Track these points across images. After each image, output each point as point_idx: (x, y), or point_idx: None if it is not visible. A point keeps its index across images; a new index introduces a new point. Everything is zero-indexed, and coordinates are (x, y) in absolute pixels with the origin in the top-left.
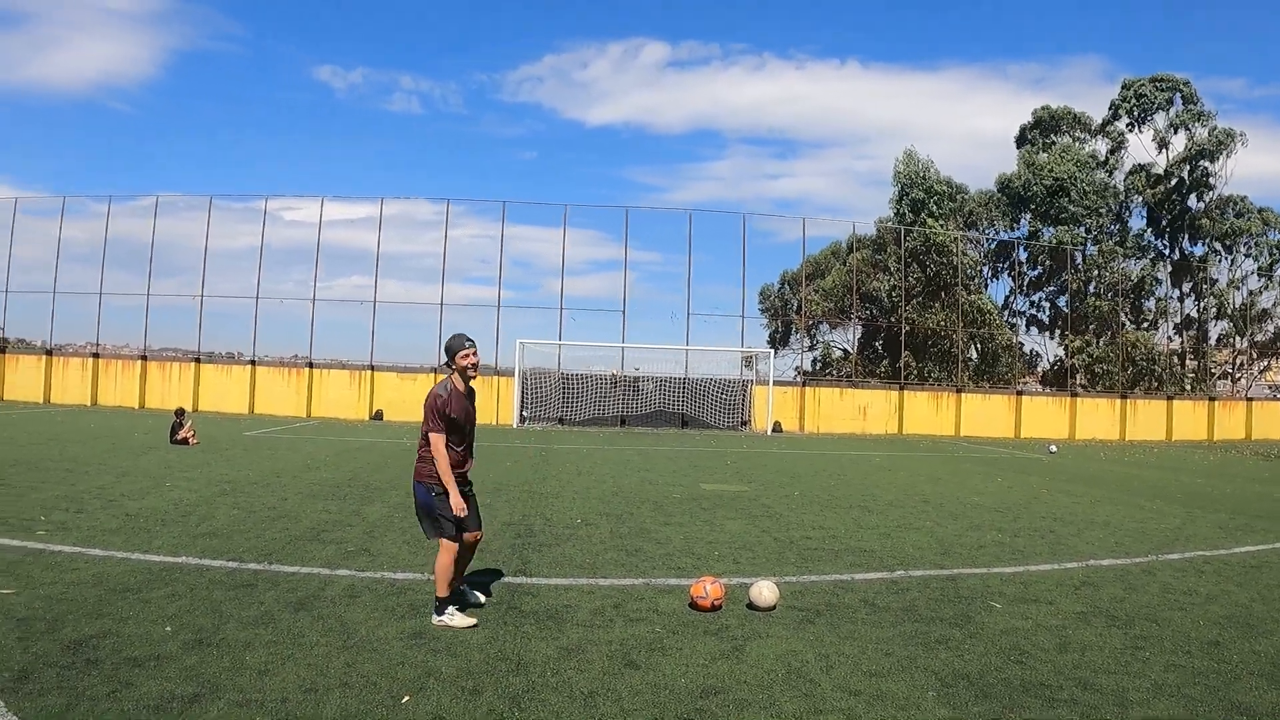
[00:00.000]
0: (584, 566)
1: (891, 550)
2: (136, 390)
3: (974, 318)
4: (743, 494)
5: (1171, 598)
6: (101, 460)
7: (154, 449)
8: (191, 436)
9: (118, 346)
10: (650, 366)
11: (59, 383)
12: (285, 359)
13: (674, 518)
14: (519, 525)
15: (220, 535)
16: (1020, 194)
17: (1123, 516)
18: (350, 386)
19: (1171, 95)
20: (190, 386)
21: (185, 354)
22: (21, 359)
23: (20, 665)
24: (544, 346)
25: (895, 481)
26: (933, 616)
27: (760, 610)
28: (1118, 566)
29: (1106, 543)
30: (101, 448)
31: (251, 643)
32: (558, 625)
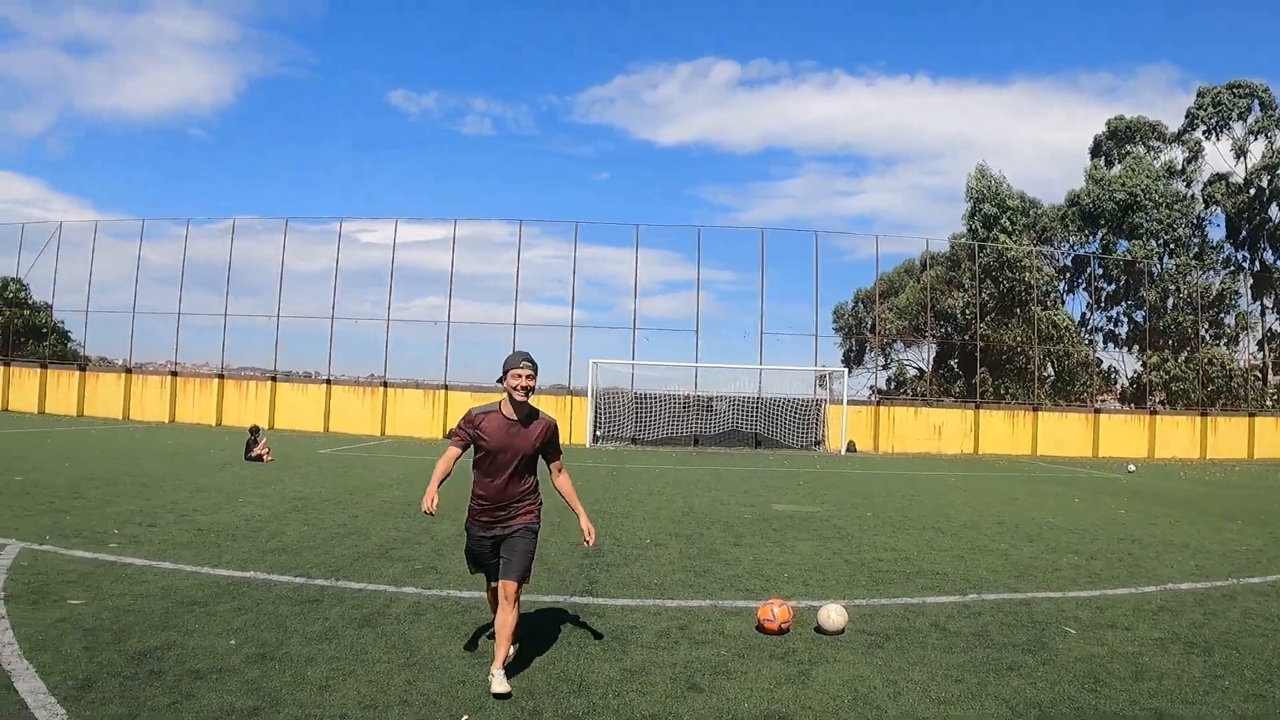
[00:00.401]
0: (651, 587)
1: (964, 573)
2: (213, 408)
3: (1049, 334)
4: (815, 515)
5: (1253, 623)
6: (176, 476)
7: (229, 465)
8: (266, 454)
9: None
10: (724, 386)
11: (138, 400)
12: (360, 378)
13: (744, 539)
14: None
15: (289, 551)
16: (1090, 210)
17: (1203, 538)
18: (424, 406)
19: (1250, 102)
20: (266, 405)
21: (261, 373)
22: (102, 377)
23: (85, 674)
24: (617, 366)
25: (970, 502)
26: (1005, 642)
27: (828, 634)
28: (1197, 590)
29: (1186, 566)
30: (177, 464)
31: (314, 658)
32: (622, 646)
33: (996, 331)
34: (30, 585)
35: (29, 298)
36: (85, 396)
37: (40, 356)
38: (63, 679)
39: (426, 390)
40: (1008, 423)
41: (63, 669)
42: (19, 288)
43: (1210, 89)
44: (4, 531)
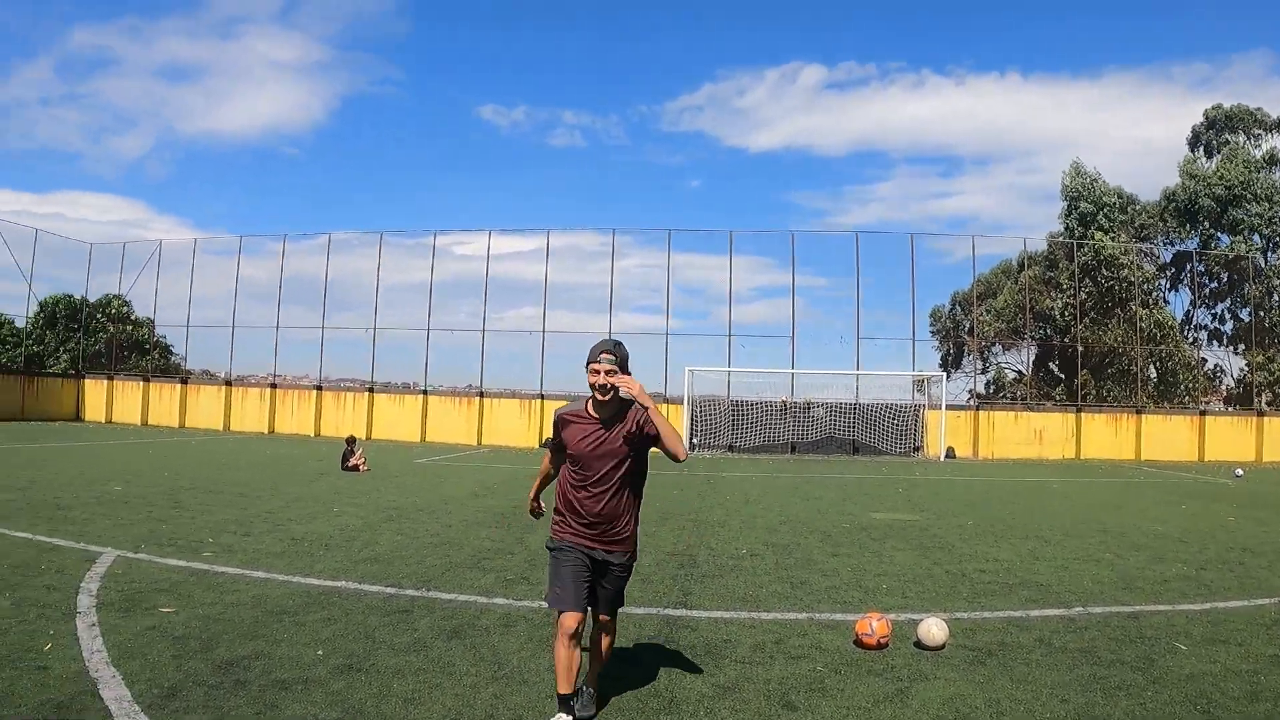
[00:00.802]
0: (746, 599)
1: (1069, 584)
2: (311, 419)
3: (1152, 334)
4: (913, 523)
5: None
6: (273, 485)
7: (325, 475)
8: (362, 463)
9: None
10: (820, 392)
11: (238, 412)
12: (457, 388)
13: (842, 548)
14: (683, 555)
15: (381, 561)
16: (1187, 206)
17: None
18: (520, 415)
19: None
20: (364, 415)
21: (359, 384)
22: (203, 389)
23: (171, 682)
24: (713, 374)
25: (1073, 509)
26: (1113, 659)
27: (929, 649)
28: None
29: None
30: (274, 473)
31: (401, 670)
32: (715, 661)
33: (1096, 332)
34: (123, 593)
35: (131, 314)
36: (187, 408)
37: (143, 370)
38: (148, 687)
39: (522, 400)
40: (1110, 426)
41: (149, 677)
42: (121, 305)
43: None
44: (102, 540)
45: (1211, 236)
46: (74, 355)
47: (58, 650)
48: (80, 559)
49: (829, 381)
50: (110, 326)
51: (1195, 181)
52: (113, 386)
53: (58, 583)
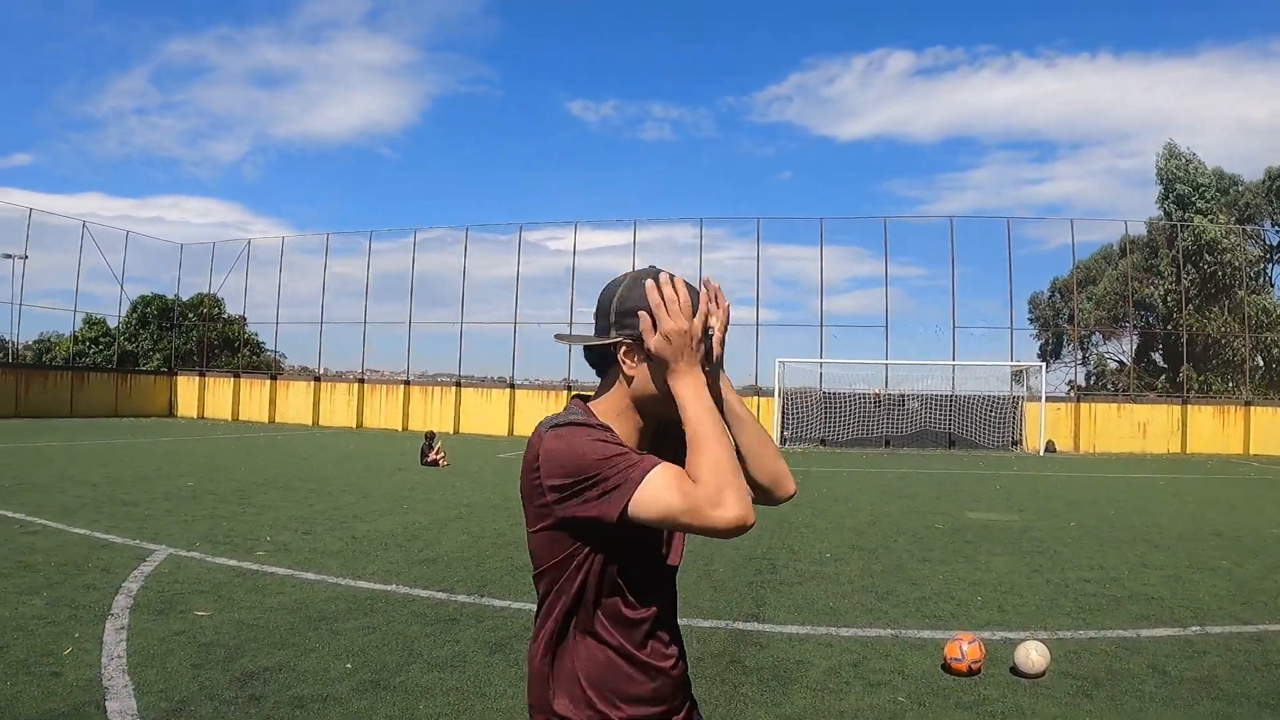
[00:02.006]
0: (826, 612)
1: (1183, 598)
2: (399, 413)
3: (1260, 321)
4: (1012, 524)
5: None
6: (349, 481)
7: (404, 470)
8: (441, 459)
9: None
10: (915, 384)
11: (326, 406)
12: (544, 382)
13: (934, 552)
14: (761, 560)
15: (439, 563)
16: None
17: None
18: None
19: None
20: (451, 410)
21: (448, 378)
22: (292, 385)
23: (182, 695)
24: (804, 365)
25: (1182, 510)
26: (1237, 692)
27: (1027, 677)
28: None
29: None
30: (353, 468)
31: (432, 689)
32: (783, 687)
33: (1200, 320)
34: (162, 595)
35: (222, 312)
36: (276, 404)
37: (234, 367)
38: (157, 699)
39: None
40: (1217, 419)
41: (161, 688)
42: (212, 303)
43: None
44: (158, 537)
45: None
46: (166, 353)
47: (77, 655)
48: (131, 557)
49: (923, 372)
50: (201, 325)
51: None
52: (204, 383)
53: (99, 581)
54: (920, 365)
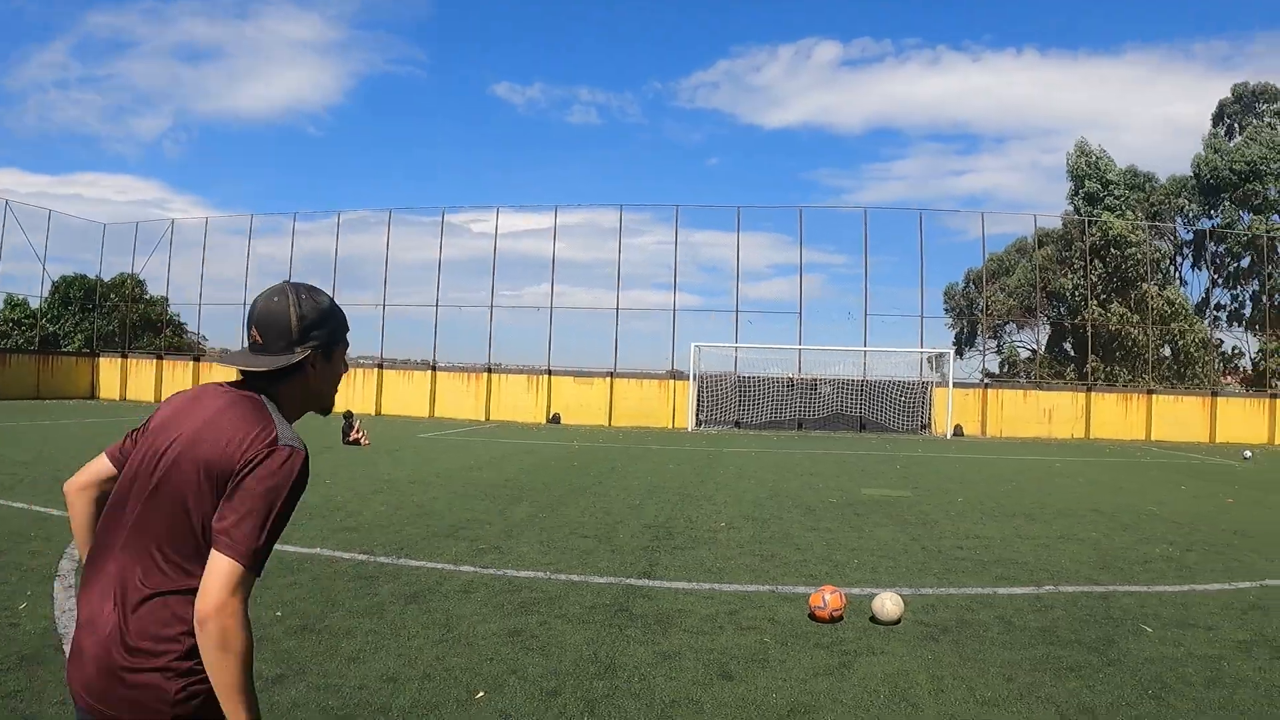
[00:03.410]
0: (712, 571)
1: (1045, 563)
2: None
3: (1165, 313)
4: (902, 499)
5: None
6: None
7: (328, 450)
8: (363, 437)
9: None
10: (828, 369)
11: None
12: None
13: (822, 522)
14: (660, 528)
15: (361, 530)
16: (1210, 181)
17: None
18: (528, 391)
19: None
20: (373, 391)
21: (369, 360)
22: (216, 367)
23: None
24: (720, 350)
25: (1070, 489)
26: (1073, 639)
27: (883, 624)
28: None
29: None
30: None
31: (352, 631)
32: (664, 630)
33: (1106, 311)
34: None
35: (145, 293)
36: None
37: (157, 349)
38: None
39: (530, 375)
40: (1120, 406)
41: None
42: (135, 284)
43: None
44: None
45: (1235, 216)
46: (88, 335)
47: (31, 609)
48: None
49: (836, 358)
50: (123, 306)
51: (1218, 156)
52: (126, 365)
53: (44, 549)
54: (832, 351)
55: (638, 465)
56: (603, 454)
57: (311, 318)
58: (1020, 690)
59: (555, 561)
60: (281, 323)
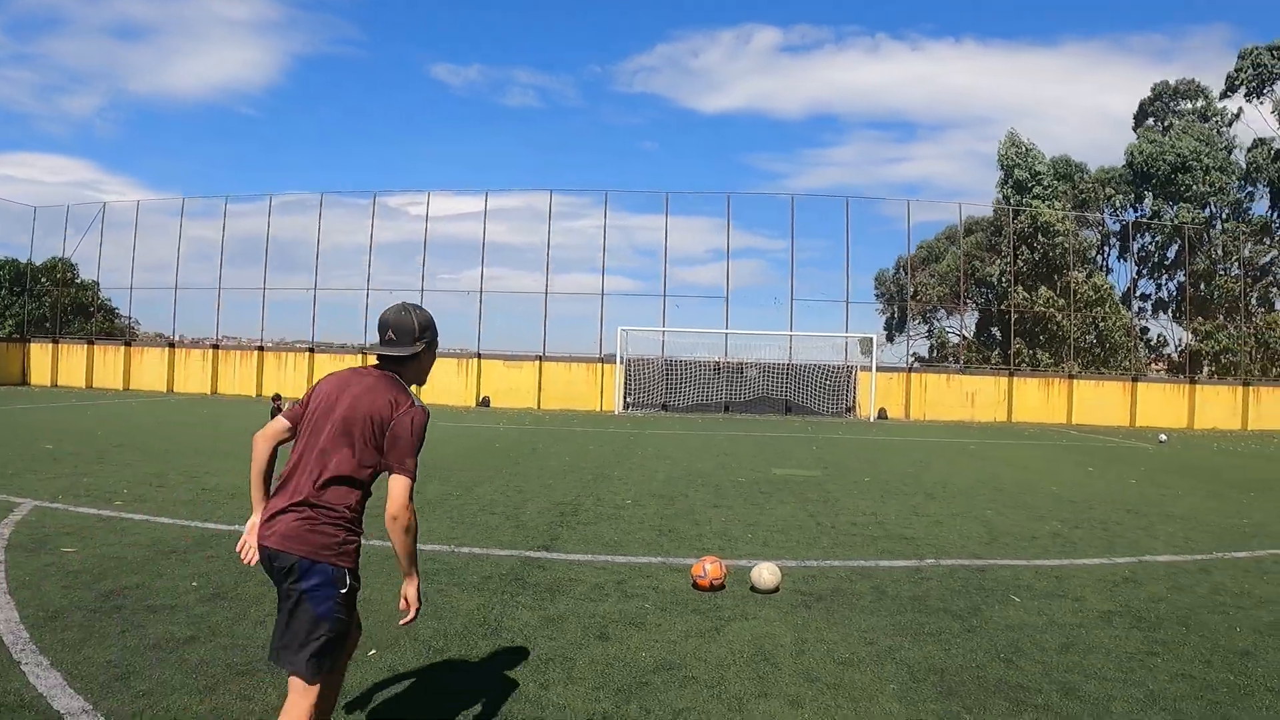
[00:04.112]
0: (609, 544)
1: (933, 539)
2: (254, 379)
3: (1090, 300)
4: (810, 479)
5: (1219, 599)
6: (201, 443)
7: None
8: None
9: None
10: (755, 353)
11: (181, 373)
12: None
13: (726, 500)
14: (567, 505)
15: None
16: (1143, 171)
17: (1205, 510)
18: (458, 374)
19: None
20: (305, 376)
21: (303, 344)
22: (147, 351)
23: (56, 608)
24: (647, 334)
25: (978, 469)
26: (940, 608)
27: (761, 592)
28: (1174, 563)
29: (1174, 538)
30: (206, 432)
31: (262, 598)
32: (552, 597)
33: (1033, 298)
34: (32, 536)
35: (77, 277)
36: (131, 371)
37: (88, 333)
38: (35, 611)
39: (460, 359)
40: (1042, 390)
41: (38, 603)
42: (66, 268)
43: (1251, 50)
44: (23, 492)
45: (1163, 207)
46: (19, 319)
47: None
48: None
49: (763, 342)
50: (54, 290)
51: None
52: (57, 350)
53: None
54: (757, 335)
55: (559, 447)
56: (527, 436)
57: (424, 324)
58: (878, 653)
59: (461, 536)
60: (408, 327)
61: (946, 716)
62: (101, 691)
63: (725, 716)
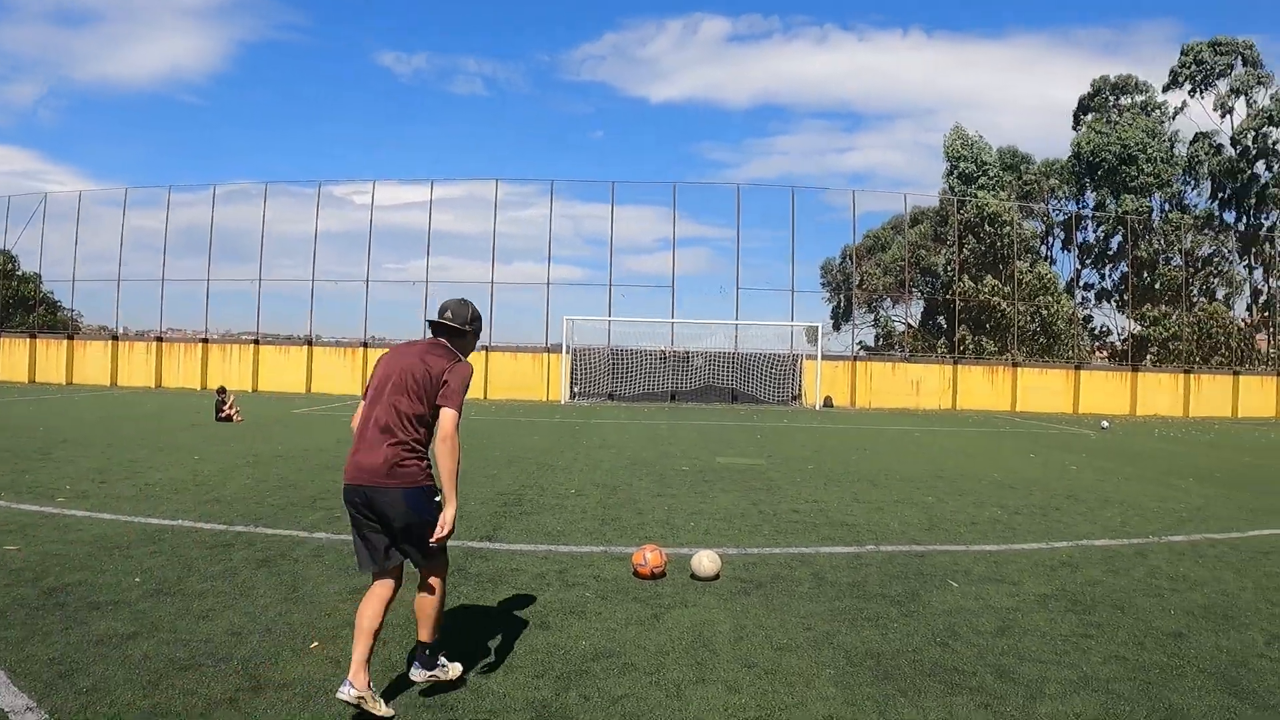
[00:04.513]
0: (552, 534)
1: (874, 525)
2: (198, 372)
3: (1035, 289)
4: (754, 467)
5: (1154, 583)
6: (145, 437)
7: (198, 426)
8: (235, 414)
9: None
10: (701, 342)
11: (125, 366)
12: (343, 340)
13: (669, 489)
14: (510, 495)
15: (223, 502)
16: (1090, 161)
17: (1144, 495)
18: None
19: (1233, 59)
20: (250, 367)
21: (249, 336)
22: (90, 345)
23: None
24: (594, 323)
25: (921, 456)
26: (879, 593)
27: (701, 580)
28: (1111, 548)
29: (1111, 522)
30: (150, 426)
31: (204, 593)
32: (494, 587)
33: (978, 287)
34: None
35: (17, 269)
36: (74, 364)
37: (30, 327)
38: None
39: None
40: (987, 378)
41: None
42: (7, 260)
43: (1194, 46)
44: None
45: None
46: None
47: None
48: None
49: (709, 331)
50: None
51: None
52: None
53: None
54: (703, 324)
55: (503, 436)
56: (472, 427)
57: (474, 316)
58: (815, 638)
59: None
60: (462, 314)
61: (882, 700)
62: (45, 689)
63: (663, 703)
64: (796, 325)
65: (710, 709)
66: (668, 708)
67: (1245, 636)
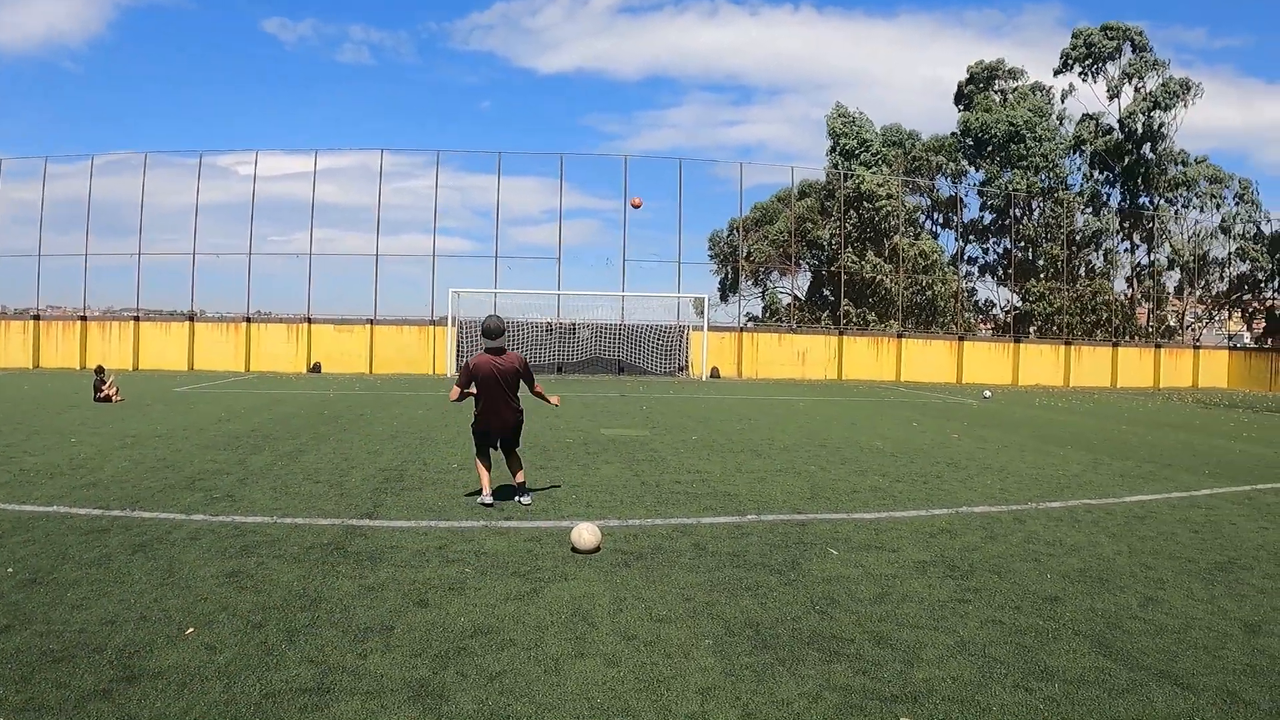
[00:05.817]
0: (433, 510)
1: (756, 495)
2: (77, 351)
3: (917, 263)
4: (638, 438)
5: (1031, 548)
6: (20, 420)
7: (76, 408)
8: (114, 394)
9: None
10: (587, 314)
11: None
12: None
13: (553, 461)
14: (392, 470)
15: (99, 486)
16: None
17: (1023, 463)
18: (288, 340)
19: (1121, 44)
20: (130, 345)
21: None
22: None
23: None
24: (479, 295)
25: (805, 426)
26: (759, 563)
27: (581, 553)
28: (990, 514)
29: (991, 489)
30: (25, 408)
31: (79, 581)
32: (373, 565)
33: (862, 260)
34: None
35: None
36: None
37: None
38: None
39: (290, 324)
40: (871, 349)
41: None
42: None
43: (1085, 30)
44: None
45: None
46: None
47: None
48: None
49: (596, 303)
50: None
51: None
52: None
53: None
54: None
55: (388, 412)
56: (357, 402)
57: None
58: (695, 608)
59: (284, 506)
60: (500, 329)
61: (760, 669)
62: None
63: (542, 678)
64: (683, 297)
65: (588, 683)
66: (546, 683)
67: (1119, 599)
